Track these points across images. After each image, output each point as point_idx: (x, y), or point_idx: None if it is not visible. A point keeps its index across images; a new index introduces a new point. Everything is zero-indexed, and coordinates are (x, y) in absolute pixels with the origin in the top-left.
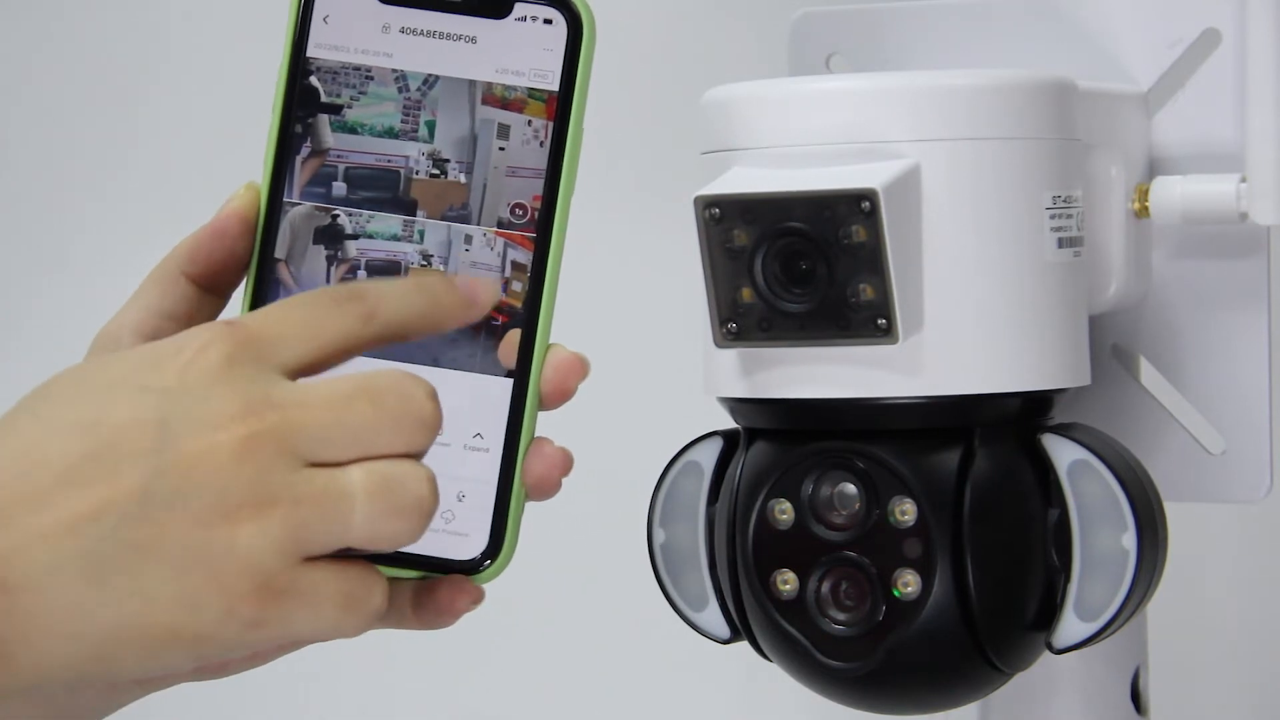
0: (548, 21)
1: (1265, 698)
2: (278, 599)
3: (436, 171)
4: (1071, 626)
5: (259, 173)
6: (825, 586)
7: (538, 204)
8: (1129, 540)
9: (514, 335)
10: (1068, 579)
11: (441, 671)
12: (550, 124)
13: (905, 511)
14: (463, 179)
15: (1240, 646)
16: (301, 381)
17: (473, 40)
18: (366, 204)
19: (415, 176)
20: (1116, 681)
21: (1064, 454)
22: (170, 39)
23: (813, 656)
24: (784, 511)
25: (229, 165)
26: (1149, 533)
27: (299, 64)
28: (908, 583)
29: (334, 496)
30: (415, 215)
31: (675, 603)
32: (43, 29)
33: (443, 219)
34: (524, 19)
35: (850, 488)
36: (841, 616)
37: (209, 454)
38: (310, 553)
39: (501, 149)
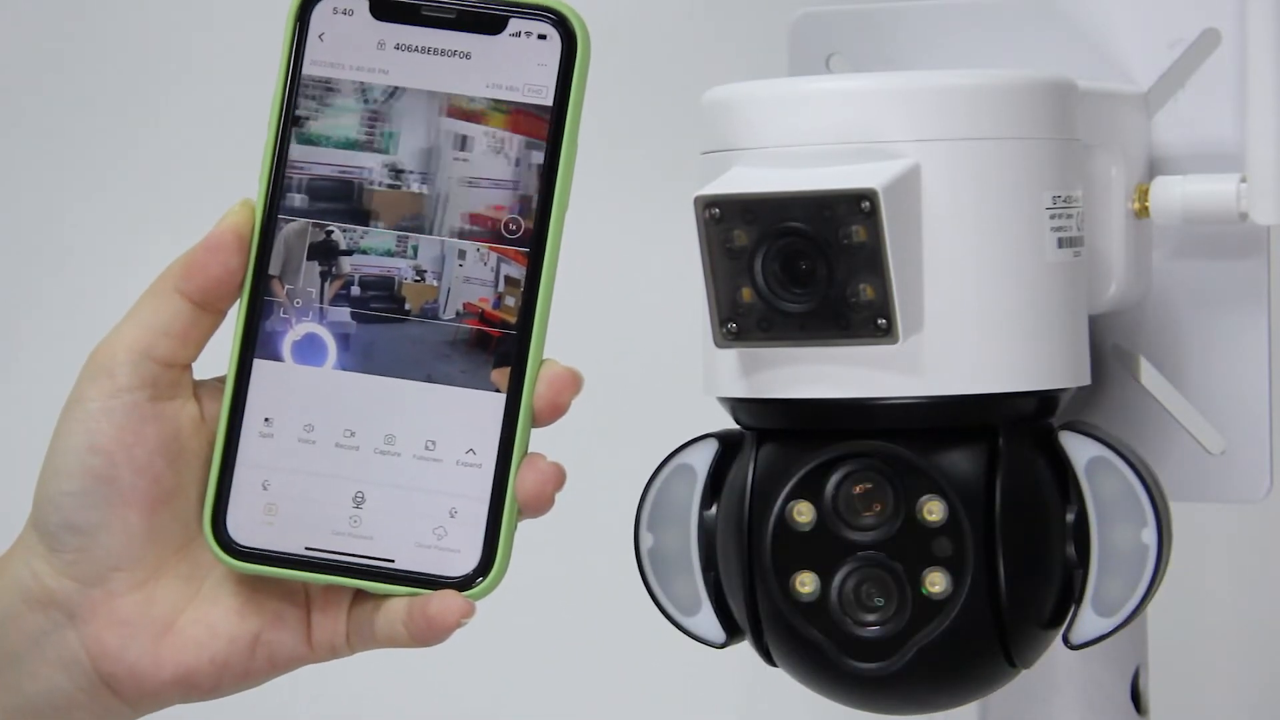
0: (542, 37)
1: (1265, 698)
2: None
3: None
4: (1090, 622)
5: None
6: (850, 587)
7: (532, 219)
8: (1149, 536)
9: (507, 351)
10: (1085, 575)
11: (439, 682)
12: (545, 139)
13: (933, 510)
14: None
15: (1240, 646)
16: None
17: (467, 56)
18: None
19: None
20: (1116, 681)
21: (1082, 451)
22: (173, 46)
23: (834, 659)
24: (803, 512)
25: (231, 171)
26: (1166, 528)
27: (295, 81)
28: (936, 582)
29: None
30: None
31: (664, 607)
32: (43, 31)
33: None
34: (518, 35)
35: (877, 487)
36: (869, 617)
37: None
38: None
39: (463, 160)
